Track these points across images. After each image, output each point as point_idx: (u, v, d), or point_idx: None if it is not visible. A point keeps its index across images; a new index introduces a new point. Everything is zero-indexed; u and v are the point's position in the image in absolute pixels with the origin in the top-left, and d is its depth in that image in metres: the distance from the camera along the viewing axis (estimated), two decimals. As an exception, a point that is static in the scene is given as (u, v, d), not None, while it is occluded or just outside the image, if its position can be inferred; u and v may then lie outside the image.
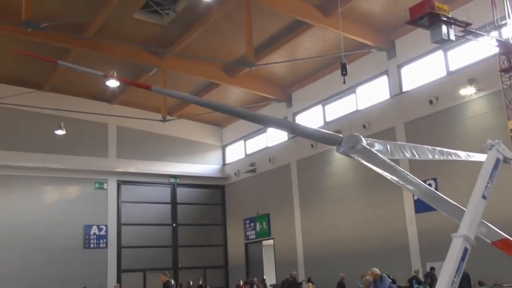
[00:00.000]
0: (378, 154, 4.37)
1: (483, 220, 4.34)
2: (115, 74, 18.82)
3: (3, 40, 18.37)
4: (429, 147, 5.17)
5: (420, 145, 5.08)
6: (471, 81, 16.12)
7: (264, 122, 4.87)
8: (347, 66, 14.02)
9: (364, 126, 19.48)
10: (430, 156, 5.15)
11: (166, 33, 19.16)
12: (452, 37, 12.97)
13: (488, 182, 4.34)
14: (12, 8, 16.02)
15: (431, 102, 17.32)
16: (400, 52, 18.92)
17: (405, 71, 18.98)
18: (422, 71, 18.27)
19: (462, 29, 13.88)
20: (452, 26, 13.09)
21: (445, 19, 12.79)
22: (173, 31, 19.02)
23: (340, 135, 4.49)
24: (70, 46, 19.46)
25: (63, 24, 17.19)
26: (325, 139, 4.50)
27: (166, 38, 19.46)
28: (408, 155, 4.91)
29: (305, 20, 18.09)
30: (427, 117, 17.62)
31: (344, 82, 14.03)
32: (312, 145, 21.61)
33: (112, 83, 19.12)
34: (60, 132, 22.16)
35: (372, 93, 20.14)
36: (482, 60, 16.09)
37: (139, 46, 19.71)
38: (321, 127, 21.90)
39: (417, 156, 4.99)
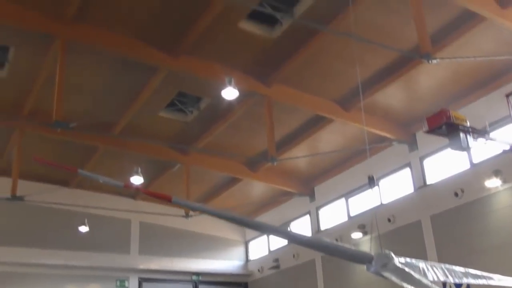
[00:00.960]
0: (412, 273, 4.16)
1: None
2: (139, 170, 19.23)
3: (33, 139, 19.03)
4: (462, 269, 4.96)
5: (453, 267, 4.89)
6: (496, 173, 15.92)
7: (290, 238, 4.77)
8: (375, 179, 13.77)
9: (389, 220, 19.13)
10: (465, 279, 4.93)
11: (189, 130, 19.66)
12: (472, 144, 12.91)
13: None
14: (42, 110, 16.78)
15: (456, 194, 17.04)
16: (422, 144, 18.96)
17: (428, 163, 18.92)
18: (445, 163, 18.18)
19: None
20: (471, 133, 13.04)
21: (463, 128, 12.77)
22: (197, 128, 19.52)
23: (370, 253, 4.31)
24: (97, 144, 20.06)
25: (90, 123, 17.89)
26: (354, 258, 4.33)
27: (189, 135, 19.95)
28: (441, 277, 4.71)
29: (326, 115, 18.45)
30: (454, 210, 17.25)
31: (372, 189, 13.84)
32: (336, 240, 21.13)
33: (136, 181, 19.42)
34: (83, 228, 22.21)
35: (396, 186, 19.99)
36: (506, 151, 15.99)
37: (164, 143, 20.20)
38: (345, 222, 21.63)
39: (450, 278, 4.78)
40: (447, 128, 12.31)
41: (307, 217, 24.10)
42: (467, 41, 14.77)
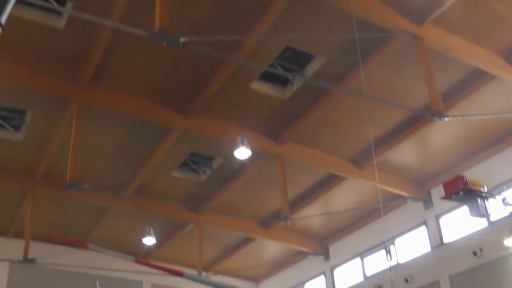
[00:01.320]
0: None
1: None
2: (151, 231, 19.09)
3: (46, 200, 19.06)
4: None
5: None
6: (515, 231, 15.58)
7: None
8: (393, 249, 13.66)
9: (406, 280, 18.60)
10: None
11: (202, 189, 19.63)
12: (490, 211, 12.70)
13: None
14: (56, 171, 16.94)
15: (475, 253, 16.62)
16: (437, 202, 18.64)
17: (444, 221, 18.56)
18: (462, 221, 17.83)
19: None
20: (489, 199, 12.85)
21: (480, 194, 12.60)
22: (209, 187, 19.49)
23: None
24: (110, 204, 20.02)
25: (104, 183, 17.95)
26: None
27: (202, 195, 19.89)
28: None
29: (339, 173, 18.36)
30: (473, 269, 16.77)
31: (390, 259, 13.68)
32: (353, 301, 20.55)
33: (148, 242, 19.27)
34: (94, 291, 21.80)
35: (412, 244, 19.56)
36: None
37: (176, 202, 20.11)
38: (361, 282, 21.08)
39: None
40: (464, 194, 12.16)
41: (322, 277, 23.53)
42: (478, 98, 14.84)
